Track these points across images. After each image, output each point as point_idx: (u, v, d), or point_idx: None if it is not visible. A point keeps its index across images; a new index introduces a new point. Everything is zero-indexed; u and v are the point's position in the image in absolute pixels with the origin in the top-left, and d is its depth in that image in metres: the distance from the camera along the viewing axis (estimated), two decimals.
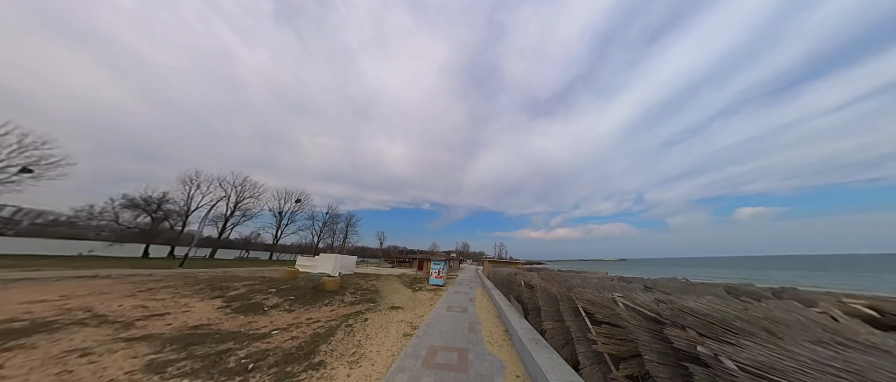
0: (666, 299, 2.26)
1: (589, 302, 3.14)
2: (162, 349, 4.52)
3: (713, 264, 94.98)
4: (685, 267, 59.54)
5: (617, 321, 2.59)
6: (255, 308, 7.91)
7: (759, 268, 58.21)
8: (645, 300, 2.44)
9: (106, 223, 23.19)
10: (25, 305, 6.40)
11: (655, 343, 2.08)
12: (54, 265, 14.06)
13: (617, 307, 2.61)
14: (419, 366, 3.62)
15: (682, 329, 1.87)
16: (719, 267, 69.18)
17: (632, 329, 2.28)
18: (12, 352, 4.02)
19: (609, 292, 3.26)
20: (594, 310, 3.00)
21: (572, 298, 3.47)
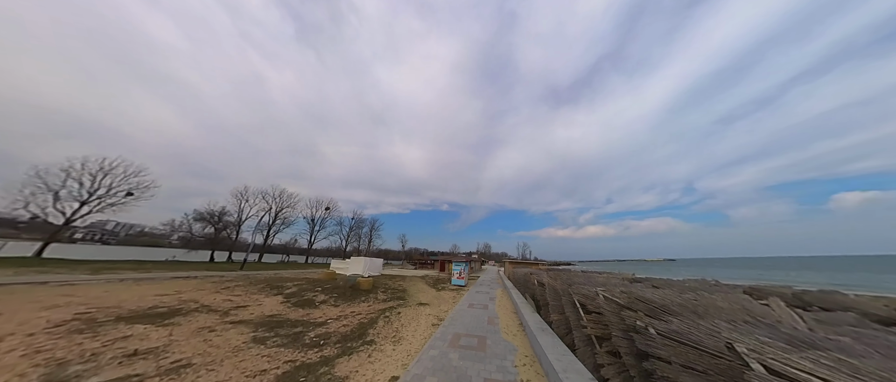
0: (628, 291, 3.01)
1: (582, 296, 3.91)
2: (256, 329, 6.21)
3: (805, 264, 67.77)
4: (756, 270, 44.11)
5: (599, 309, 3.36)
6: (308, 303, 9.71)
7: (885, 271, 36.40)
8: (618, 292, 3.20)
9: (183, 233, 28.47)
10: (157, 297, 8.87)
11: (620, 323, 2.86)
12: (156, 268, 18.05)
13: (598, 298, 3.38)
14: (446, 346, 4.67)
15: (633, 311, 2.65)
16: (813, 268, 47.92)
17: (607, 315, 3.06)
18: (169, 328, 5.97)
19: (603, 288, 3.97)
20: (586, 302, 3.76)
21: (570, 293, 4.24)
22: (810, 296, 4.44)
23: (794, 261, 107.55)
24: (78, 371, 3.74)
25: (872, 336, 2.00)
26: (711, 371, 1.62)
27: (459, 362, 3.99)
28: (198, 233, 28.44)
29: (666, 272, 35.71)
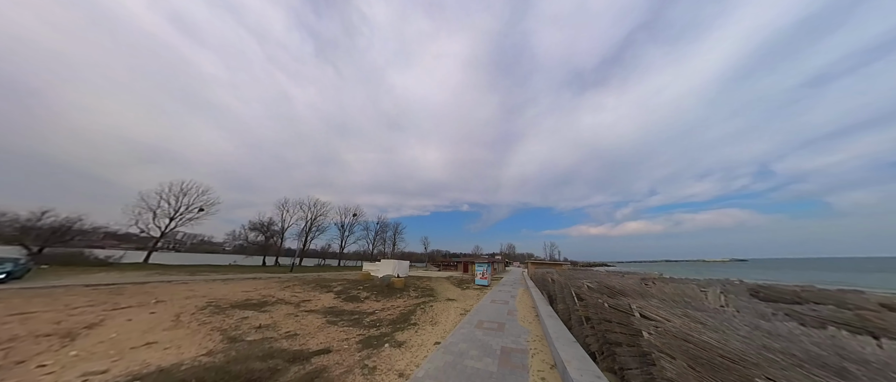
0: (604, 280, 4.27)
1: (576, 287, 5.17)
2: (325, 316, 8.34)
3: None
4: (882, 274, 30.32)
5: (583, 296, 4.62)
6: (354, 298, 11.92)
7: None
8: (595, 282, 4.45)
9: (240, 241, 33.96)
10: (245, 293, 11.74)
11: (594, 303, 4.13)
12: (229, 271, 22.38)
13: (584, 288, 4.64)
14: (473, 328, 6.18)
15: (600, 294, 3.94)
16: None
17: (587, 299, 4.34)
18: (267, 313, 8.37)
19: (589, 281, 5.15)
20: (578, 292, 5.01)
21: (569, 286, 5.49)
22: (807, 293, 5.10)
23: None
24: (236, 335, 6.00)
25: (755, 313, 2.94)
26: (623, 323, 2.83)
27: (483, 337, 5.47)
28: (252, 241, 33.74)
29: (725, 273, 31.59)
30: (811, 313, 3.06)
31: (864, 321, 2.67)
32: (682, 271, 37.63)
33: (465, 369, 3.82)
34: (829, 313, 2.97)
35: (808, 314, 3.03)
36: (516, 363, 4.11)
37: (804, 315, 3.02)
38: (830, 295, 4.75)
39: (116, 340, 5.52)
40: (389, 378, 3.61)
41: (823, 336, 1.94)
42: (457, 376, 3.57)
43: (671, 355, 1.96)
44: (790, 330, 2.14)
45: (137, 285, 12.18)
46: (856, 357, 1.54)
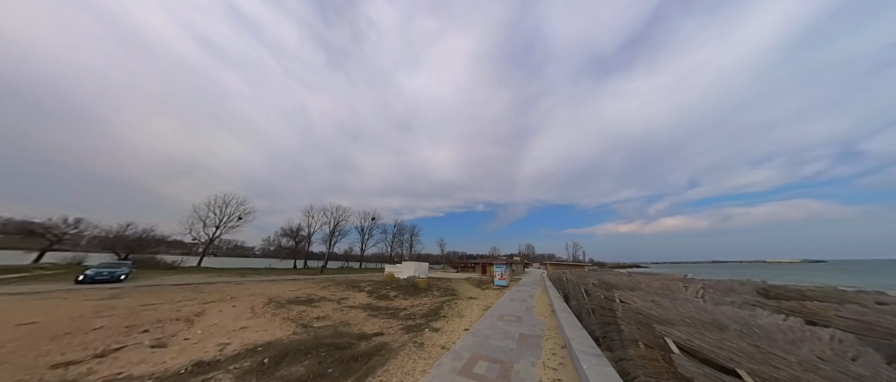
0: (604, 278, 5.28)
1: (585, 284, 6.18)
2: (365, 310, 9.94)
3: None
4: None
5: (589, 291, 5.63)
6: (385, 297, 13.54)
7: None
8: (597, 279, 5.46)
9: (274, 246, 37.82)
10: (292, 292, 13.84)
11: (597, 295, 5.15)
12: (270, 274, 25.44)
13: (589, 284, 5.65)
14: (495, 319, 7.34)
15: (600, 289, 4.98)
16: None
17: (593, 294, 5.36)
18: (317, 308, 10.15)
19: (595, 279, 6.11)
20: (587, 289, 6.01)
21: (579, 284, 6.50)
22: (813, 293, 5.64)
23: None
24: (305, 322, 7.69)
25: (714, 301, 3.75)
26: (612, 309, 3.83)
27: (504, 326, 6.63)
28: (284, 246, 37.44)
29: (791, 277, 28.24)
30: (775, 305, 3.80)
31: (812, 313, 3.39)
32: (733, 273, 34.86)
33: (491, 346, 5.03)
34: (791, 305, 3.69)
35: (771, 305, 3.78)
36: (532, 344, 5.23)
37: (768, 305, 3.78)
38: (834, 294, 5.28)
39: (220, 325, 7.43)
40: (435, 350, 4.92)
41: (744, 314, 2.84)
42: (486, 349, 4.80)
43: (628, 322, 2.99)
44: (719, 309, 3.06)
45: (207, 285, 14.84)
46: (747, 323, 2.45)
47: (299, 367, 4.11)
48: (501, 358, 4.40)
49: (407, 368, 4.07)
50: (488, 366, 4.05)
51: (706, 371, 1.86)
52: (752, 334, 2.32)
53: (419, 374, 3.84)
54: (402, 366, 4.15)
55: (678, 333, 2.25)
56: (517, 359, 4.39)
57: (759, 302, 3.90)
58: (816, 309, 3.44)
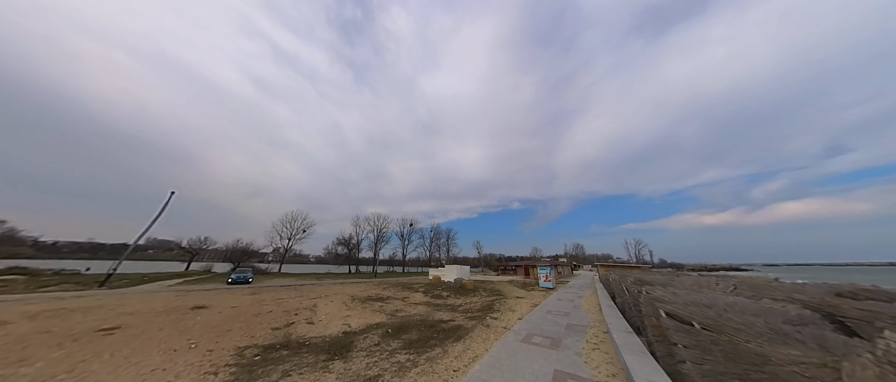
0: (640, 277, 6.57)
1: (626, 283, 7.42)
2: (428, 307, 12.43)
3: None
4: None
5: (630, 289, 6.90)
6: (439, 296, 16.02)
7: None
8: (634, 278, 6.74)
9: (331, 253, 44.69)
10: (364, 292, 17.40)
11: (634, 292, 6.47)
12: (337, 278, 30.80)
13: (629, 282, 6.93)
14: (544, 313, 8.94)
15: (636, 285, 6.33)
16: None
17: (631, 290, 6.67)
18: (392, 304, 13.07)
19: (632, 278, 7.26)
20: (628, 287, 7.26)
21: (621, 283, 7.73)
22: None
23: None
24: (390, 312, 10.45)
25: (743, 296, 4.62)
26: (635, 303, 5.19)
27: (553, 318, 8.21)
28: (339, 253, 44.06)
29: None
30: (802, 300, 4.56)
31: (829, 306, 4.12)
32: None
33: (544, 329, 6.76)
34: (818, 302, 4.41)
35: (799, 300, 4.56)
36: (578, 330, 6.76)
37: (796, 301, 4.58)
38: (871, 292, 5.52)
39: (332, 313, 10.63)
40: (498, 330, 6.89)
41: (732, 300, 3.98)
42: (539, 331, 6.57)
43: (646, 305, 4.42)
44: (719, 296, 4.22)
45: (300, 286, 19.56)
46: (729, 304, 3.67)
47: (412, 334, 6.54)
48: (552, 336, 6.11)
49: (483, 337, 6.13)
50: (542, 339, 5.83)
51: (675, 324, 3.35)
52: (728, 308, 3.67)
53: (493, 340, 5.85)
54: (479, 336, 6.23)
55: (667, 307, 3.69)
56: (565, 337, 6.04)
57: (791, 299, 4.70)
58: (838, 304, 4.20)
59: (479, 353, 5.03)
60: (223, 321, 8.20)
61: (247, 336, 6.79)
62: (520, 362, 4.46)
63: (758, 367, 2.57)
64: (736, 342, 2.90)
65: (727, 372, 2.66)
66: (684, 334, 3.28)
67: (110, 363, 4.65)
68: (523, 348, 5.27)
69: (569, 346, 5.42)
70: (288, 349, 5.68)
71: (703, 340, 3.10)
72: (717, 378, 2.66)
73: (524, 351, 5.04)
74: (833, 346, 2.68)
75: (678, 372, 3.05)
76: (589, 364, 4.37)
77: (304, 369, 4.47)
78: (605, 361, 4.48)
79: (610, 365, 4.26)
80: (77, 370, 4.30)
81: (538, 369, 4.15)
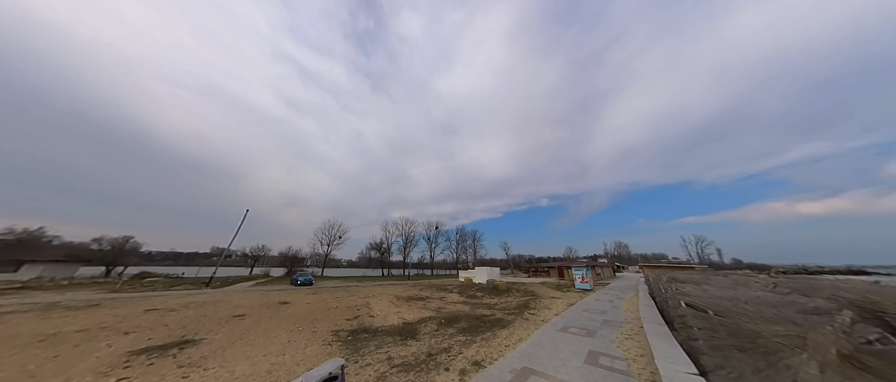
0: (672, 275, 7.27)
1: (661, 282, 8.06)
2: (467, 304, 13.85)
3: None
4: None
5: (664, 287, 7.56)
6: (473, 296, 17.36)
7: None
8: (667, 277, 7.42)
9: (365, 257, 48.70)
10: (403, 292, 19.46)
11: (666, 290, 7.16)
12: (372, 280, 33.94)
13: (663, 281, 7.61)
14: (580, 312, 9.78)
15: (666, 282, 7.07)
16: None
17: (667, 287, 7.36)
18: (434, 302, 14.77)
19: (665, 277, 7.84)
20: (663, 285, 7.89)
21: (658, 281, 8.36)
22: None
23: None
24: (436, 308, 12.10)
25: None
26: (669, 297, 5.88)
27: (589, 315, 9.05)
28: (373, 257, 47.88)
29: None
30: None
31: (868, 302, 4.46)
32: None
33: (580, 323, 7.74)
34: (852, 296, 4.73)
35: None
36: (614, 325, 7.61)
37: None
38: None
39: (383, 309, 12.58)
40: (537, 323, 8.03)
41: (780, 299, 4.59)
42: (575, 324, 7.57)
43: (674, 297, 5.23)
44: (747, 292, 4.85)
45: (346, 287, 22.40)
46: (750, 297, 4.34)
47: (462, 324, 8.01)
48: (588, 328, 7.09)
49: (524, 327, 7.35)
50: (578, 330, 6.87)
51: (692, 312, 4.22)
52: (750, 301, 4.44)
53: (533, 330, 7.05)
54: (521, 326, 7.47)
55: (688, 299, 4.52)
56: (600, 329, 6.98)
57: (832, 297, 5.10)
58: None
59: (523, 337, 6.29)
60: (308, 313, 10.55)
61: (332, 323, 8.87)
62: (559, 343, 5.62)
63: (751, 339, 3.45)
64: (739, 323, 3.78)
65: (727, 344, 3.56)
66: (700, 319, 4.18)
67: (261, 335, 6.87)
68: (561, 335, 6.39)
69: (603, 336, 6.38)
70: (367, 333, 7.52)
71: (714, 323, 4.00)
72: (719, 348, 3.57)
73: (562, 337, 6.16)
74: (807, 325, 3.43)
75: (692, 348, 3.96)
76: (620, 348, 5.35)
77: (389, 344, 6.17)
78: (635, 346, 5.40)
79: (639, 349, 5.20)
80: (247, 337, 6.55)
81: (575, 348, 5.28)
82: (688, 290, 4.94)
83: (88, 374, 4.33)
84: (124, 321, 7.98)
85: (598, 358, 4.73)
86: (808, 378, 2.95)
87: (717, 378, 3.26)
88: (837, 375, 2.91)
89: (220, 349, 5.65)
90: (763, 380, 3.09)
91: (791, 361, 3.17)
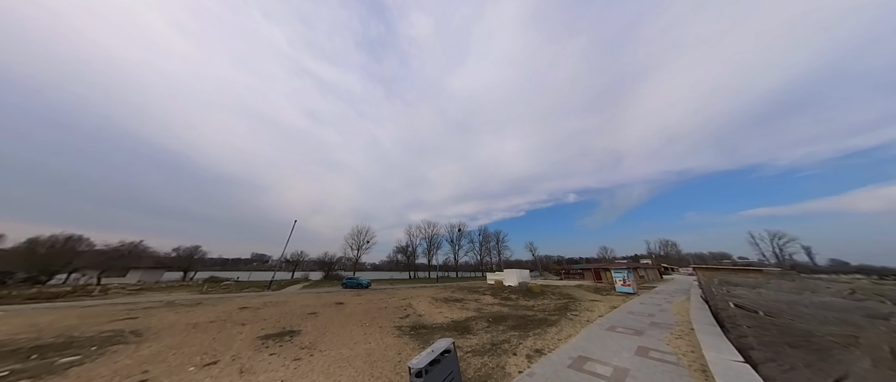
0: (725, 279, 7.43)
1: (713, 285, 8.17)
2: (502, 306, 14.57)
3: None
4: None
5: (716, 289, 7.70)
6: (508, 298, 17.96)
7: None
8: (719, 279, 7.57)
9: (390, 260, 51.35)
10: (440, 294, 20.69)
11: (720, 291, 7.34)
12: (403, 283, 35.92)
13: (715, 283, 7.75)
14: (625, 314, 10.04)
15: (717, 285, 7.27)
16: None
17: (718, 290, 7.53)
18: (472, 304, 15.73)
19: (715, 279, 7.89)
20: (714, 288, 8.00)
21: (709, 283, 8.45)
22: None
23: None
24: (474, 310, 13.04)
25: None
26: (718, 297, 6.07)
27: (636, 317, 9.33)
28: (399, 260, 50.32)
29: None
30: None
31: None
32: None
33: (626, 324, 8.16)
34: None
35: None
36: (662, 326, 7.90)
37: None
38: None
39: (426, 310, 13.80)
40: (583, 323, 8.57)
41: (848, 303, 4.75)
42: (622, 325, 8.00)
43: (723, 299, 5.53)
44: (830, 300, 5.00)
45: (383, 290, 24.28)
46: (811, 302, 4.55)
47: (509, 322, 8.86)
48: (635, 328, 7.51)
49: (571, 326, 7.99)
50: (625, 330, 7.34)
51: (741, 312, 4.60)
52: (809, 306, 4.72)
53: (580, 328, 7.66)
54: (567, 325, 8.12)
55: (737, 301, 4.87)
56: (648, 330, 7.37)
57: None
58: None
59: (572, 334, 6.97)
60: (364, 312, 12.13)
61: (388, 321, 10.26)
62: (607, 340, 6.23)
63: (804, 338, 3.85)
64: (792, 324, 4.17)
65: (779, 341, 3.97)
66: (749, 319, 4.58)
67: (340, 328, 8.41)
68: (608, 333, 6.95)
69: (652, 335, 6.81)
70: (425, 328, 8.70)
71: (764, 322, 4.40)
72: (769, 345, 3.98)
73: (610, 335, 6.73)
74: (870, 327, 3.71)
75: (742, 344, 4.37)
76: (670, 346, 5.80)
77: (450, 337, 7.25)
78: (685, 345, 5.82)
79: (689, 347, 5.62)
80: (330, 329, 8.12)
81: (624, 344, 5.87)
82: (739, 293, 5.19)
83: (245, 349, 6.01)
84: (233, 315, 10.15)
85: (647, 352, 5.28)
86: (860, 371, 3.33)
87: (768, 370, 3.72)
88: (890, 370, 3.27)
89: (317, 337, 7.18)
90: (815, 372, 3.51)
91: (843, 357, 3.55)
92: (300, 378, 4.55)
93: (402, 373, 4.86)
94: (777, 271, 29.50)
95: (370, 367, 5.05)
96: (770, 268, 35.40)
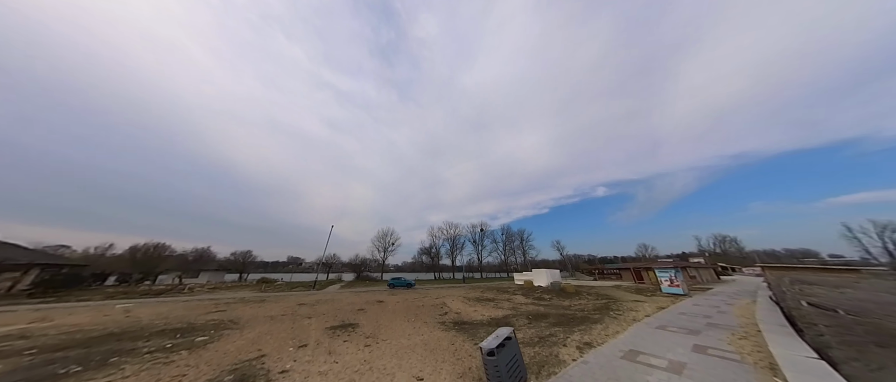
0: (798, 278, 6.91)
1: (784, 283, 7.60)
2: (537, 306, 14.56)
3: None
4: None
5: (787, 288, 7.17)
6: (540, 298, 17.80)
7: None
8: (789, 279, 7.05)
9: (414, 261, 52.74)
10: (471, 294, 21.14)
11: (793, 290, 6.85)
12: (431, 283, 36.96)
13: (785, 282, 7.23)
14: (676, 314, 9.61)
15: (789, 284, 6.79)
16: None
17: (789, 289, 7.03)
18: (504, 304, 15.95)
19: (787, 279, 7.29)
20: (785, 287, 7.45)
21: (779, 283, 7.87)
22: None
23: None
24: (513, 307, 13.27)
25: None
26: (790, 297, 5.69)
27: (689, 318, 8.93)
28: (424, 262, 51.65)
29: None
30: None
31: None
32: None
33: (679, 323, 7.89)
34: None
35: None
36: (722, 327, 7.52)
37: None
38: None
39: (461, 309, 14.27)
40: (628, 321, 8.45)
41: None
42: (673, 324, 7.77)
43: (794, 298, 5.23)
44: None
45: (411, 290, 25.33)
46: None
47: (551, 319, 9.03)
48: (689, 328, 7.27)
49: (616, 324, 7.96)
50: (677, 329, 7.15)
51: (816, 311, 4.38)
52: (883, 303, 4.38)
53: (626, 326, 7.61)
54: (612, 323, 8.10)
55: (810, 299, 4.61)
56: (704, 330, 7.09)
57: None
58: None
59: (619, 331, 7.00)
60: (404, 309, 13.02)
61: (430, 317, 10.96)
62: (658, 338, 6.18)
63: (894, 337, 3.64)
64: (880, 323, 3.95)
65: (864, 341, 3.77)
66: (827, 318, 4.36)
67: (389, 322, 9.29)
68: (659, 332, 6.84)
69: (710, 335, 6.57)
70: (467, 324, 9.22)
71: (845, 322, 4.18)
72: (852, 344, 3.79)
73: (661, 333, 6.64)
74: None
75: (818, 343, 4.18)
76: (732, 346, 5.62)
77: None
78: (749, 345, 5.58)
79: (754, 346, 5.40)
80: (381, 323, 9.03)
81: (678, 342, 5.81)
82: (815, 292, 4.86)
83: (322, 336, 7.06)
84: (296, 310, 11.63)
85: (706, 350, 5.20)
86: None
87: (851, 369, 3.59)
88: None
89: (374, 330, 8.07)
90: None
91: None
92: (378, 359, 5.32)
93: (461, 359, 5.41)
94: (886, 271, 23.62)
95: (431, 354, 5.67)
96: (877, 268, 28.57)
